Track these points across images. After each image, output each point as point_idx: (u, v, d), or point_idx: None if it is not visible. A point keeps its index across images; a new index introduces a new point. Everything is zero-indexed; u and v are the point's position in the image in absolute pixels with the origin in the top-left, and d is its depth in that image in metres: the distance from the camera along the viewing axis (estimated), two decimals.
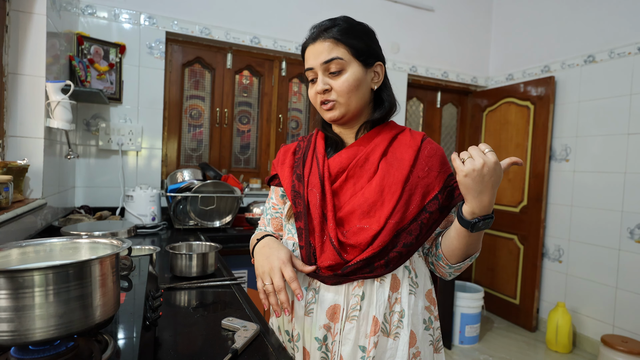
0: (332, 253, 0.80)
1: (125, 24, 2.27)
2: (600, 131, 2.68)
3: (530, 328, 3.01)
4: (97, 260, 0.56)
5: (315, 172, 0.88)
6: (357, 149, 0.88)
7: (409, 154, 0.86)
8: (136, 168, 2.34)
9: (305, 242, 0.84)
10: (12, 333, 0.49)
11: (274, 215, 1.01)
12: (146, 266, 1.02)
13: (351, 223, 0.82)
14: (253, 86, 2.81)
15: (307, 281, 0.85)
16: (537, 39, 3.12)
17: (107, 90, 2.20)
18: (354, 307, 0.81)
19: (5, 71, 1.43)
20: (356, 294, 0.81)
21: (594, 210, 2.70)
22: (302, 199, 0.86)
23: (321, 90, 0.85)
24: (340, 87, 0.83)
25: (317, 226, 0.82)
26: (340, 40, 0.84)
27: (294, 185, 0.89)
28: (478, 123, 3.53)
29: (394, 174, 0.83)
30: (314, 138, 0.96)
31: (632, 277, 2.47)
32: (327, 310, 0.82)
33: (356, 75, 0.84)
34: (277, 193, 1.00)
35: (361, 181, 0.85)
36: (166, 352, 0.74)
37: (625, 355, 2.21)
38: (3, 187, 1.16)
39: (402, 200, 0.81)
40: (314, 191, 0.85)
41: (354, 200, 0.83)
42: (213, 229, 2.18)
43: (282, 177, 0.94)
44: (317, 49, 0.84)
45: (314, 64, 0.85)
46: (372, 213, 0.81)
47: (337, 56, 0.83)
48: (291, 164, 0.94)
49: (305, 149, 0.95)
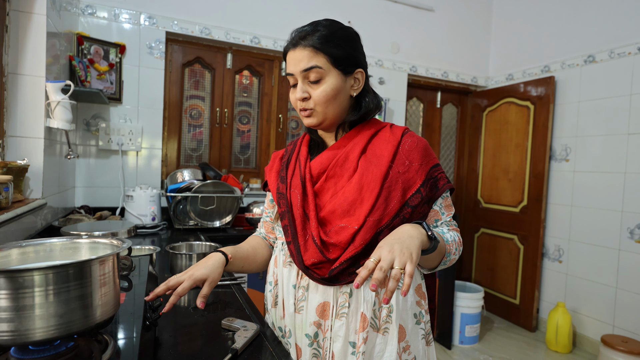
0: (315, 251, 0.81)
1: (125, 24, 2.27)
2: (600, 131, 2.68)
3: (530, 328, 3.01)
4: (97, 260, 0.56)
5: (297, 174, 0.90)
6: (337, 149, 0.89)
7: (387, 150, 0.86)
8: (136, 168, 2.34)
9: (292, 238, 0.85)
10: (12, 333, 0.49)
11: (264, 218, 1.05)
12: (146, 266, 1.02)
13: (333, 222, 0.83)
14: (253, 86, 2.81)
15: (295, 279, 0.87)
16: (537, 39, 3.12)
17: (107, 90, 2.20)
18: (342, 304, 0.82)
19: (5, 71, 1.43)
20: (344, 291, 0.82)
21: (594, 210, 2.70)
22: (285, 200, 0.88)
23: (300, 98, 0.86)
24: (318, 96, 0.85)
25: (299, 225, 0.84)
26: (319, 49, 0.83)
27: (279, 188, 0.92)
28: (478, 123, 3.53)
29: (373, 171, 0.83)
30: (299, 142, 0.99)
31: (632, 277, 2.47)
32: (317, 308, 0.83)
33: (334, 85, 0.85)
34: (268, 198, 1.03)
35: (342, 181, 0.86)
36: (166, 352, 0.74)
37: (625, 355, 2.21)
38: (3, 187, 1.16)
39: (381, 197, 0.81)
40: (296, 192, 0.87)
41: (335, 199, 0.84)
42: (213, 229, 2.18)
43: (269, 182, 0.98)
44: (296, 56, 0.84)
45: (293, 71, 0.85)
46: (351, 212, 0.82)
47: (316, 65, 0.83)
48: (278, 168, 0.97)
49: (291, 153, 0.98)
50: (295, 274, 0.87)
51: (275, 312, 0.92)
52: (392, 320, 0.82)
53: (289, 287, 0.88)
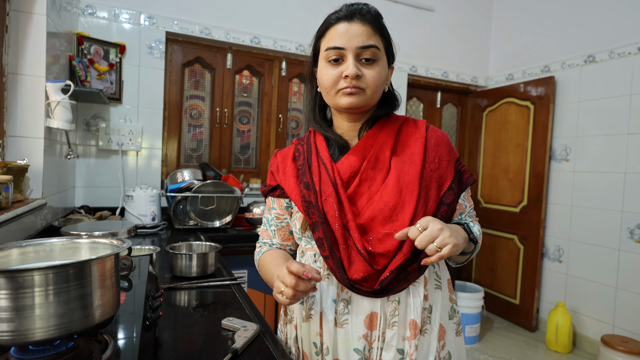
0: (363, 264, 0.75)
1: (125, 24, 2.27)
2: (600, 131, 2.68)
3: (530, 328, 3.01)
4: (97, 260, 0.56)
5: (326, 179, 0.81)
6: (364, 149, 0.83)
7: (417, 147, 0.81)
8: (136, 168, 2.34)
9: (330, 252, 0.77)
10: (12, 333, 0.49)
11: (279, 225, 0.93)
12: (146, 266, 1.01)
13: (374, 230, 0.77)
14: (253, 86, 2.81)
15: (335, 292, 0.81)
16: (537, 39, 3.12)
17: (107, 90, 2.20)
18: (392, 313, 0.78)
19: (5, 71, 1.43)
20: (393, 299, 0.78)
21: (594, 210, 2.70)
22: (315, 209, 0.79)
23: (353, 75, 0.76)
24: (372, 78, 0.78)
25: (339, 237, 0.77)
26: (377, 29, 0.79)
27: (304, 195, 0.82)
28: (478, 123, 3.53)
29: (408, 171, 0.79)
30: (312, 140, 0.89)
31: (632, 277, 2.47)
32: (365, 320, 0.78)
33: (384, 71, 0.80)
34: (281, 205, 0.91)
35: (375, 183, 0.80)
36: (166, 352, 0.74)
37: (625, 355, 2.21)
38: (3, 187, 1.16)
39: (421, 198, 0.77)
40: (329, 200, 0.79)
41: (373, 205, 0.78)
42: (213, 229, 2.18)
43: (287, 188, 0.86)
44: (354, 29, 0.77)
45: (346, 45, 0.77)
46: (394, 217, 0.76)
47: (375, 44, 0.77)
48: (295, 172, 0.86)
49: (307, 154, 0.87)
50: (335, 288, 0.81)
51: (308, 327, 0.83)
52: (432, 320, 0.81)
53: (327, 301, 0.81)
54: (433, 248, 0.67)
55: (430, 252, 0.68)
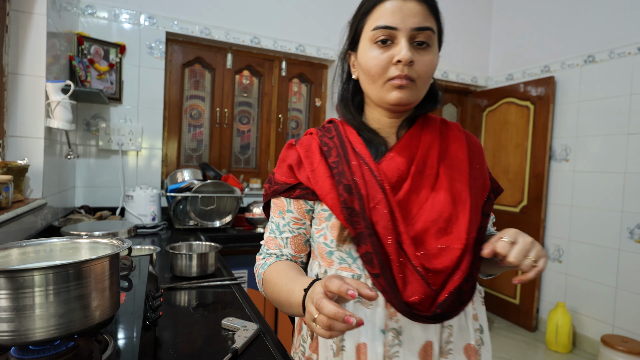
0: (420, 284, 0.64)
1: (125, 24, 2.27)
2: (600, 131, 2.68)
3: (530, 328, 3.01)
4: (97, 260, 0.56)
5: (371, 181, 0.69)
6: (410, 150, 0.72)
7: (462, 152, 0.74)
8: (136, 168, 2.34)
9: (382, 270, 0.65)
10: (12, 333, 0.49)
11: (296, 232, 0.77)
12: (146, 266, 1.01)
13: (427, 243, 0.67)
14: (253, 86, 2.81)
15: (383, 321, 0.67)
16: (537, 39, 3.12)
17: (107, 90, 2.20)
18: (447, 340, 0.69)
19: (5, 71, 1.43)
20: (448, 325, 0.69)
21: (594, 210, 2.70)
22: (361, 217, 0.66)
23: (407, 60, 0.66)
24: (424, 66, 0.68)
25: (392, 253, 0.65)
26: (433, 11, 0.70)
27: (345, 201, 0.68)
28: (478, 123, 3.53)
29: (458, 179, 0.71)
30: (343, 135, 0.76)
31: (632, 277, 2.47)
32: (420, 351, 0.67)
33: (437, 59, 0.70)
34: (301, 208, 0.76)
35: (424, 190, 0.70)
36: (166, 352, 0.74)
37: (625, 355, 2.21)
38: (3, 187, 1.16)
39: (472, 209, 0.69)
40: (379, 208, 0.67)
41: (424, 215, 0.68)
42: (213, 229, 2.18)
43: (320, 190, 0.71)
44: (409, 7, 0.67)
45: (400, 25, 0.66)
46: (449, 229, 0.67)
47: (431, 27, 0.68)
48: (328, 171, 0.72)
49: (342, 150, 0.73)
50: (384, 315, 0.67)
51: None
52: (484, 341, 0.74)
53: (374, 332, 0.67)
54: (529, 263, 0.60)
55: (526, 268, 0.60)
